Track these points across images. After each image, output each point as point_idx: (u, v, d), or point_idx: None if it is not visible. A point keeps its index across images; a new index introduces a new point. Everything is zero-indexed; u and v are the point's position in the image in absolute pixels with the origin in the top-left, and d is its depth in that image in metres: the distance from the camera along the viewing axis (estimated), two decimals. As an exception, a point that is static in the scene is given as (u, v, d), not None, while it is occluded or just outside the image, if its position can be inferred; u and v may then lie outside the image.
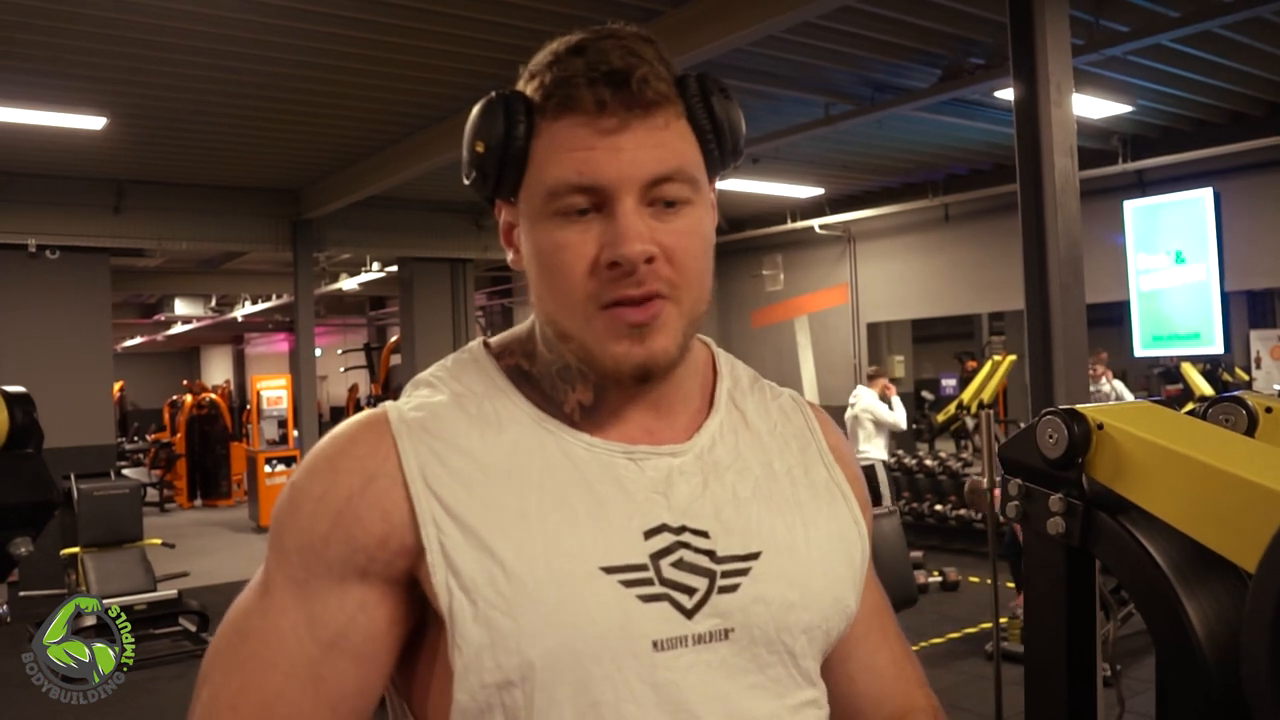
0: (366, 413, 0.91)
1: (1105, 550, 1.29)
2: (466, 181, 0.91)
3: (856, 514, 1.01)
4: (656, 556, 0.86)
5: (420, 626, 0.89)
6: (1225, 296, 8.12)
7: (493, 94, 0.88)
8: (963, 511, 9.15)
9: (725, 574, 0.88)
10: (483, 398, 0.91)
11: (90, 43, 5.34)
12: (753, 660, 0.89)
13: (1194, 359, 8.38)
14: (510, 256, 0.93)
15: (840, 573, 0.97)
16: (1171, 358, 8.65)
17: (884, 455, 8.39)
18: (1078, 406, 1.33)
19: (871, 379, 8.68)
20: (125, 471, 10.38)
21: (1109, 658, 4.26)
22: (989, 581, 5.14)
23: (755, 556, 0.90)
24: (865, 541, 1.01)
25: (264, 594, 0.87)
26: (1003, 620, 4.98)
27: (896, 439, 9.54)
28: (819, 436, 1.03)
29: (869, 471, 7.99)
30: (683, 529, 0.88)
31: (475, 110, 0.89)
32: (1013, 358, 9.06)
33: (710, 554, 0.88)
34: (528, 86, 0.88)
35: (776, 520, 0.93)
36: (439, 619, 0.84)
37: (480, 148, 0.87)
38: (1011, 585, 6.61)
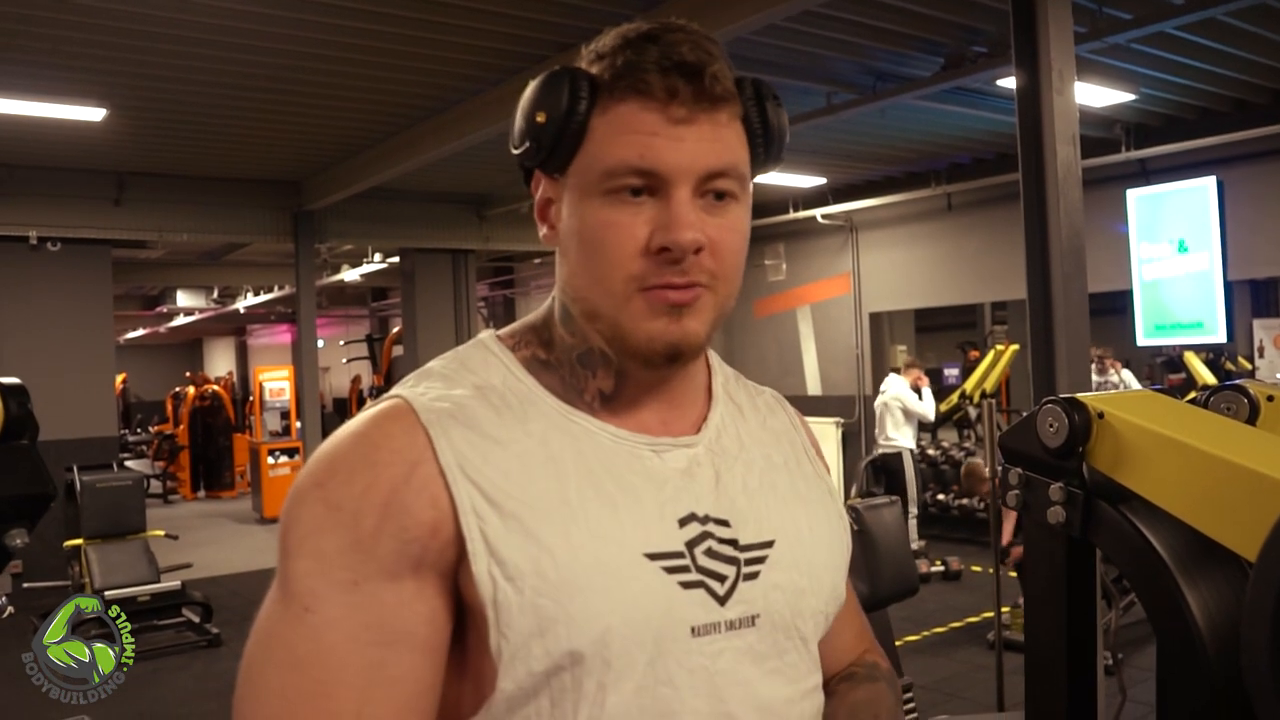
0: (386, 404, 0.88)
1: (1106, 539, 1.29)
2: (516, 150, 0.91)
3: (840, 508, 1.05)
4: (691, 544, 0.88)
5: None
6: (1228, 285, 8.11)
7: (557, 67, 0.88)
8: (965, 501, 9.15)
9: (748, 561, 0.91)
10: (503, 390, 0.90)
11: (90, 34, 5.33)
12: (773, 646, 0.92)
13: (1197, 348, 8.37)
14: (543, 231, 0.93)
15: (837, 560, 1.01)
16: (1174, 347, 8.65)
17: (911, 444, 8.39)
18: (1078, 395, 1.32)
19: (905, 368, 8.67)
20: (128, 463, 10.38)
21: (1110, 647, 4.26)
22: (991, 571, 5.14)
23: (770, 545, 0.93)
24: (847, 533, 1.05)
25: (303, 613, 0.81)
26: (1005, 610, 4.98)
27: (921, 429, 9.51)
28: (801, 433, 1.07)
29: (895, 459, 8.03)
30: (707, 518, 0.90)
31: (539, 80, 0.89)
32: (1015, 347, 9.06)
33: (734, 542, 0.90)
34: (594, 66, 0.88)
35: (783, 509, 0.96)
36: (469, 615, 0.84)
37: (541, 118, 0.87)
38: (1014, 575, 6.61)
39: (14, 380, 1.49)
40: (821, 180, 10.10)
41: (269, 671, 0.80)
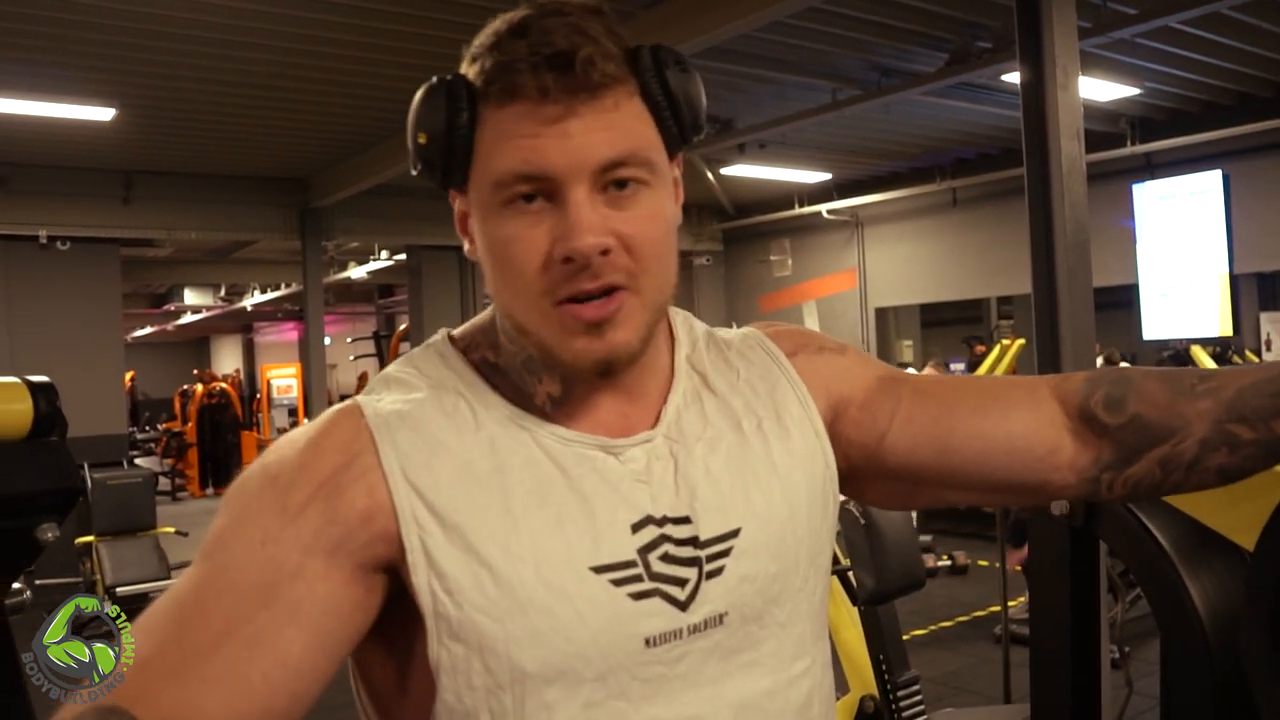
0: (338, 405, 0.87)
1: (1108, 531, 1.30)
2: (414, 172, 0.87)
3: (819, 425, 0.97)
4: (644, 551, 0.84)
5: (389, 622, 0.84)
6: (1235, 279, 8.10)
7: (433, 80, 0.84)
8: (971, 496, 9.16)
9: (710, 558, 0.86)
10: (456, 394, 0.87)
11: (98, 34, 5.35)
12: (746, 639, 0.88)
13: (1204, 342, 8.36)
14: (466, 247, 0.90)
15: (815, 524, 0.94)
16: (1181, 341, 8.64)
17: None
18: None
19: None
20: (137, 461, 10.43)
21: (1117, 640, 4.28)
22: (997, 565, 5.16)
23: (735, 534, 0.88)
24: (830, 463, 0.97)
25: (203, 559, 0.79)
26: (1011, 604, 5.00)
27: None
28: (784, 363, 0.99)
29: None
30: (664, 520, 0.85)
31: (416, 98, 0.84)
32: (1021, 341, 9.04)
33: (694, 540, 0.86)
34: (470, 70, 0.84)
35: (751, 490, 0.90)
36: (417, 616, 0.81)
37: (423, 139, 0.83)
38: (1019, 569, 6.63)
39: (43, 378, 1.53)
40: (827, 176, 10.11)
41: (157, 603, 0.79)
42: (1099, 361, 9.01)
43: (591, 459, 0.86)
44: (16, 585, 1.78)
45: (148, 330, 23.66)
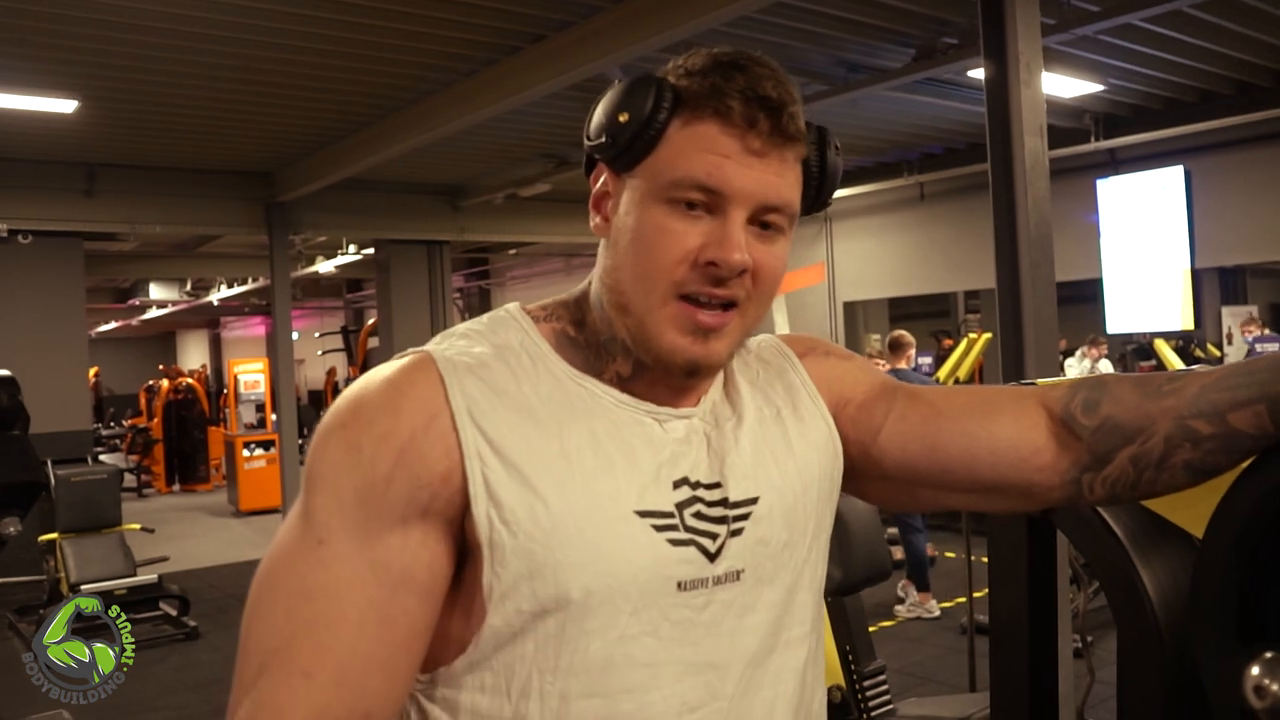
0: (409, 356, 0.93)
1: (1064, 519, 1.33)
2: (590, 141, 0.94)
3: (829, 418, 1.08)
4: (681, 506, 0.93)
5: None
6: (1197, 273, 8.22)
7: (646, 74, 0.93)
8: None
9: (735, 519, 0.95)
10: (519, 351, 0.95)
11: (60, 25, 5.29)
12: (757, 598, 0.96)
13: (1166, 335, 8.48)
14: (595, 222, 0.97)
15: (823, 504, 1.05)
16: (1145, 334, 8.75)
17: None
18: (1038, 380, 1.36)
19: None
20: (102, 457, 10.32)
21: (1079, 630, 4.33)
22: (964, 557, 5.21)
23: (755, 501, 0.97)
24: (836, 446, 1.07)
25: (316, 545, 0.86)
26: (977, 594, 5.05)
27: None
28: (796, 364, 1.10)
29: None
30: (699, 484, 0.95)
31: (628, 82, 0.93)
32: (988, 335, 9.13)
33: (724, 501, 0.95)
34: (681, 81, 0.92)
35: (770, 466, 1.00)
36: (470, 552, 0.89)
37: (624, 117, 0.91)
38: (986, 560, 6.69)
39: (5, 372, 1.52)
40: (795, 170, 10.15)
41: (278, 596, 0.86)
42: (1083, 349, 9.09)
43: (641, 422, 0.95)
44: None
45: (112, 325, 23.43)
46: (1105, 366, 9.09)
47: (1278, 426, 0.90)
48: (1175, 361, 8.24)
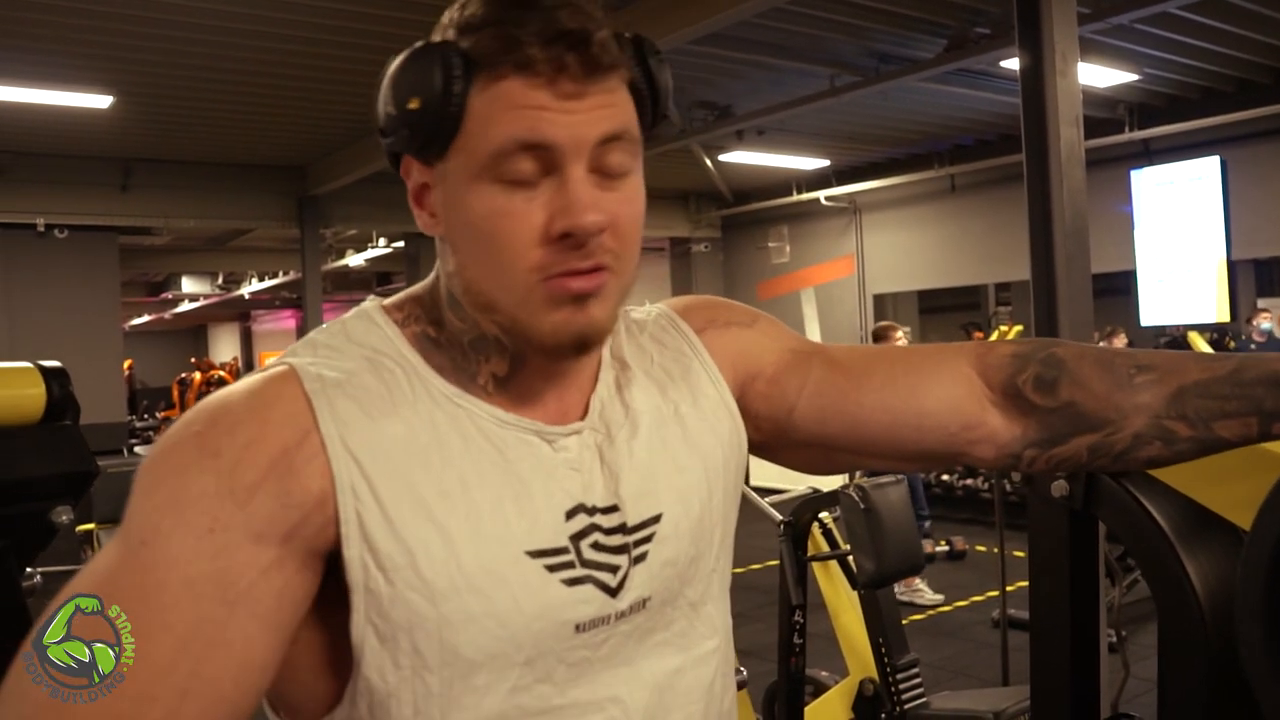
0: (272, 369, 0.81)
1: (1107, 512, 1.32)
2: (385, 140, 0.83)
3: (732, 406, 0.98)
4: (576, 538, 0.83)
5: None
6: (1232, 265, 8.12)
7: (419, 45, 0.81)
8: (969, 481, 9.19)
9: (636, 544, 0.86)
10: (393, 364, 0.83)
11: (96, 21, 5.35)
12: (660, 620, 0.88)
13: (1201, 328, 8.38)
14: (422, 220, 0.85)
15: (729, 507, 0.96)
16: (1179, 327, 8.66)
17: None
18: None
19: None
20: (136, 449, 10.43)
21: (1114, 624, 4.30)
22: (995, 550, 5.18)
23: (657, 520, 0.88)
24: (740, 431, 0.98)
25: (139, 546, 0.72)
26: (1010, 588, 5.02)
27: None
28: (695, 343, 0.99)
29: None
30: (595, 509, 0.85)
31: (401, 61, 0.80)
32: (1019, 328, 9.06)
33: (622, 528, 0.86)
34: (464, 39, 0.79)
35: (673, 474, 0.90)
36: (338, 592, 0.77)
37: (414, 104, 0.78)
38: (1021, 554, 6.66)
39: (55, 363, 1.54)
40: (825, 162, 10.11)
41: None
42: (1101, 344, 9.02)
43: (528, 443, 0.84)
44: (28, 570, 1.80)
45: (145, 318, 23.66)
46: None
47: (1264, 439, 0.88)
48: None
